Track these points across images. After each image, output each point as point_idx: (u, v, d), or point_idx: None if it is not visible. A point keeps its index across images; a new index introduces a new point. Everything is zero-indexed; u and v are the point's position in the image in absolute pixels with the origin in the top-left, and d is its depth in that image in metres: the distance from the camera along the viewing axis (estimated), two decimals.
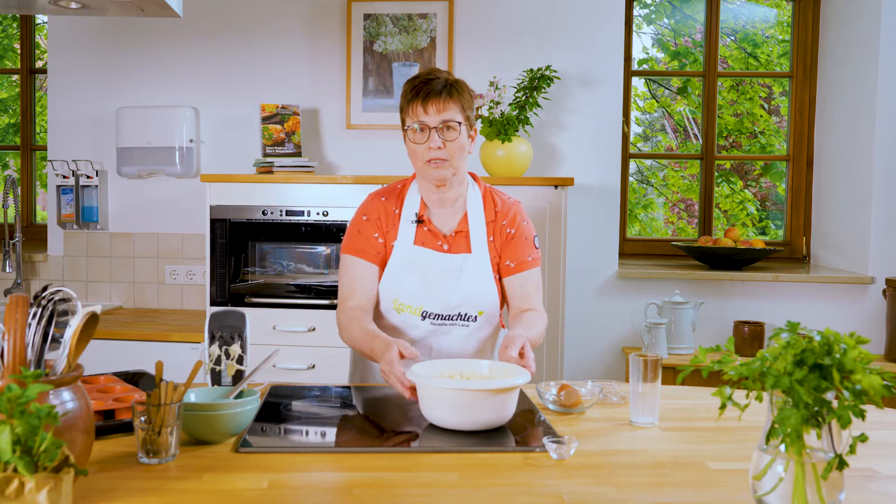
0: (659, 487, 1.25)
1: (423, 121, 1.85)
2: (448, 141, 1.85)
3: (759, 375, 1.05)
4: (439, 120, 1.84)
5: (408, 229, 1.94)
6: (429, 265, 1.91)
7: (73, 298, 1.25)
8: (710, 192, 3.78)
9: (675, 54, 4.65)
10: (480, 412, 1.48)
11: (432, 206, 1.96)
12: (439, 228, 1.94)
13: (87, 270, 3.64)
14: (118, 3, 2.16)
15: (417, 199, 1.96)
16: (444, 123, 1.85)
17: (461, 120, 1.87)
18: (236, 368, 1.67)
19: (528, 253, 1.97)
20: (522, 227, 1.98)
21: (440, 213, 1.96)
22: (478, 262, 1.92)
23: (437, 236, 1.93)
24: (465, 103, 1.88)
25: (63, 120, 3.63)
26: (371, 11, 3.48)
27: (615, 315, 3.49)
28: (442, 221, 1.96)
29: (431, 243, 1.93)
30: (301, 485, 1.24)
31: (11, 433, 0.95)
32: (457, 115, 1.86)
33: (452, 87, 1.87)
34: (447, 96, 1.85)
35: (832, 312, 3.39)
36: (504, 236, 1.96)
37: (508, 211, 1.98)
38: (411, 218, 1.94)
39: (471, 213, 1.95)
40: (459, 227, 1.94)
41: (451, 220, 1.96)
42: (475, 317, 1.93)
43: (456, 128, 1.86)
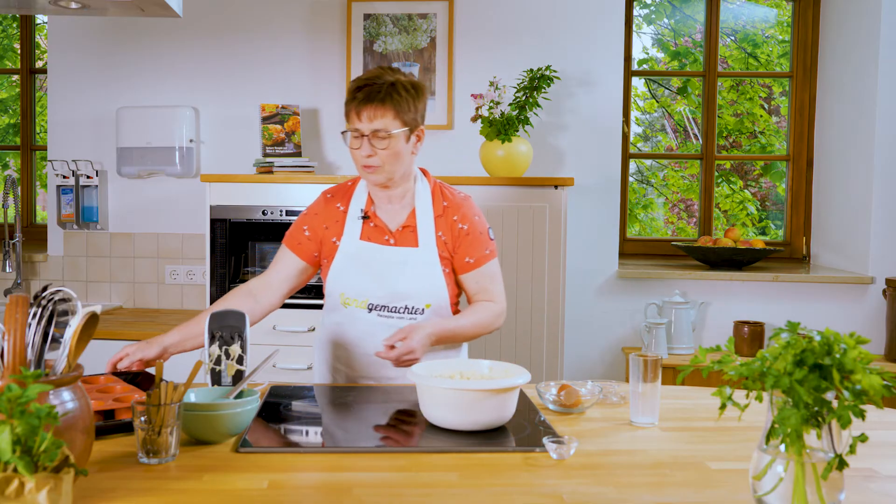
0: (659, 487, 1.25)
1: (356, 127, 1.86)
2: (379, 149, 1.85)
3: (759, 375, 1.05)
4: (371, 128, 1.84)
5: (354, 225, 1.96)
6: (374, 259, 1.93)
7: (73, 298, 1.25)
8: (710, 192, 3.78)
9: (675, 54, 4.65)
10: (480, 412, 1.48)
11: (379, 202, 1.98)
12: (386, 224, 1.96)
13: (87, 270, 3.64)
14: (118, 3, 2.17)
15: (365, 196, 1.99)
16: (375, 133, 1.84)
17: (394, 129, 1.85)
18: (236, 368, 1.67)
19: (484, 247, 1.98)
20: (475, 222, 1.98)
21: (387, 208, 1.98)
22: (424, 255, 1.93)
23: (384, 231, 1.95)
24: (403, 108, 1.86)
25: (63, 120, 3.63)
26: (371, 11, 3.48)
27: (615, 315, 3.49)
28: (389, 217, 1.97)
29: (378, 238, 1.95)
30: (301, 485, 1.24)
31: (11, 433, 0.95)
32: (390, 124, 1.84)
33: (389, 94, 1.84)
34: (380, 103, 1.83)
35: (832, 312, 3.39)
36: (456, 232, 1.96)
37: (459, 206, 1.98)
38: (357, 214, 1.97)
39: (419, 209, 1.96)
40: (407, 223, 1.96)
41: (398, 216, 1.97)
42: (422, 309, 1.93)
43: (386, 136, 1.85)
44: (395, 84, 1.86)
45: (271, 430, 1.52)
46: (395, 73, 1.90)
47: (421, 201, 1.97)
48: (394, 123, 1.85)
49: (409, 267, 1.92)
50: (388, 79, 1.86)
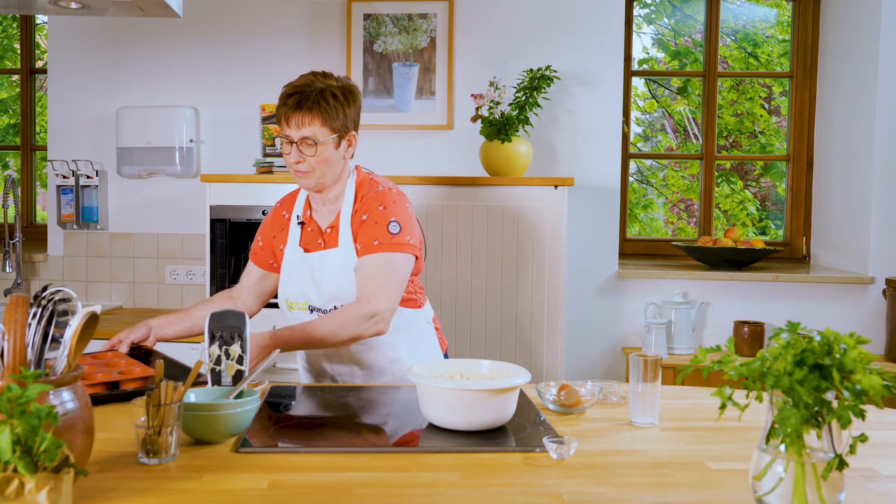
0: (659, 487, 1.25)
1: (285, 133, 1.91)
2: (308, 156, 1.89)
3: (759, 375, 1.05)
4: (299, 135, 1.89)
5: (294, 231, 2.03)
6: (308, 263, 1.98)
7: (73, 298, 1.25)
8: (710, 192, 3.78)
9: (676, 54, 4.65)
10: (481, 412, 1.48)
11: (315, 206, 2.03)
12: (319, 226, 2.02)
13: (87, 270, 3.64)
14: (118, 3, 2.17)
15: (303, 200, 2.05)
16: (303, 139, 1.88)
17: (322, 137, 1.88)
18: (236, 368, 1.67)
19: (373, 237, 1.88)
20: (377, 212, 1.90)
21: (321, 210, 2.02)
22: (343, 254, 1.93)
23: (317, 234, 2.01)
24: (330, 115, 1.88)
25: (63, 120, 3.63)
26: (371, 11, 3.48)
27: (615, 315, 3.49)
28: (322, 220, 2.02)
29: (312, 242, 2.00)
30: (301, 485, 1.24)
31: (11, 433, 0.95)
32: (317, 132, 1.88)
33: (317, 101, 1.87)
34: (308, 111, 1.87)
35: (832, 312, 3.39)
36: (358, 223, 1.94)
37: (370, 197, 1.94)
38: (296, 220, 2.03)
39: (343, 209, 1.98)
40: (332, 223, 1.99)
41: (328, 218, 2.01)
42: None
43: (314, 144, 1.88)
44: (324, 91, 1.89)
45: (271, 429, 1.51)
46: (326, 78, 1.93)
47: (346, 202, 1.99)
48: (322, 131, 1.88)
49: (333, 268, 1.95)
50: (317, 85, 1.89)
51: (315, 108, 1.87)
